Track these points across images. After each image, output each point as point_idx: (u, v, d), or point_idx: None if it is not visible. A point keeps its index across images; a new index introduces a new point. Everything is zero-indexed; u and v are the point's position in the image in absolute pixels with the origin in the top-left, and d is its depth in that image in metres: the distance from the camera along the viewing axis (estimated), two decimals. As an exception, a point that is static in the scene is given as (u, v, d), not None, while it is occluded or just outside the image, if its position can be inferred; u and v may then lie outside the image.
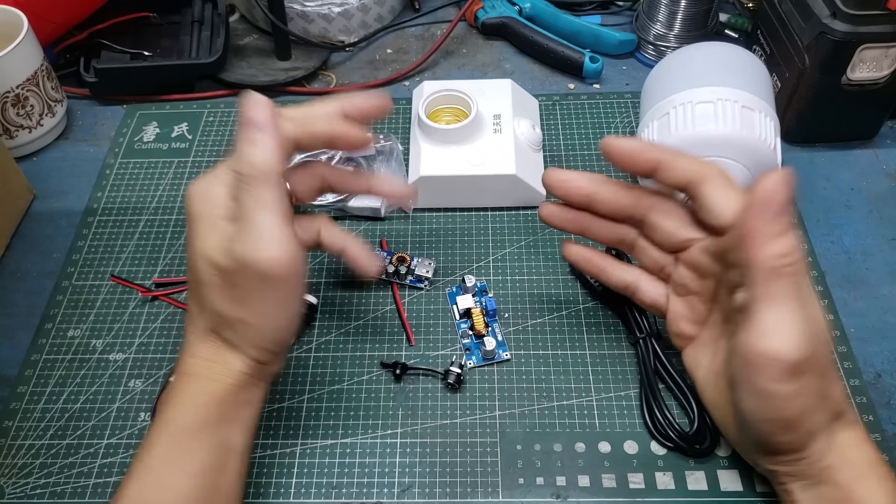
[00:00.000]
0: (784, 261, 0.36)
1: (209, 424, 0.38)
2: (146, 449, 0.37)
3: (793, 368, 0.36)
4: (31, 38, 0.61)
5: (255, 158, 0.37)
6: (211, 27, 0.72)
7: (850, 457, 0.38)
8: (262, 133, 0.38)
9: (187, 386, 0.38)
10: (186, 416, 0.38)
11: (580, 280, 0.53)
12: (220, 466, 0.38)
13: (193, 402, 0.38)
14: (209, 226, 0.38)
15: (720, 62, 0.55)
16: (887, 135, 0.64)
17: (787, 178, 0.36)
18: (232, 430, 0.39)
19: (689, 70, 0.55)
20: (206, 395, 0.38)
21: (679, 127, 0.52)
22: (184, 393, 0.38)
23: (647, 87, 0.59)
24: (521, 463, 0.45)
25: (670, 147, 0.44)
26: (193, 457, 0.37)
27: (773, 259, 0.36)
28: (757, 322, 0.37)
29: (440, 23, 0.77)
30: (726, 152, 0.51)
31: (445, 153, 0.57)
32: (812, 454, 0.38)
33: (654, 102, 0.56)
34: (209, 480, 0.37)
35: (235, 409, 0.39)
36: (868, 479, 0.37)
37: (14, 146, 0.64)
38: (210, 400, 0.38)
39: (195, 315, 0.40)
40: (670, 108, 0.53)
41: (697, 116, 0.51)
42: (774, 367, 0.36)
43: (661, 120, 0.54)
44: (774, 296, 0.36)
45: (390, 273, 0.54)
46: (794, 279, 0.36)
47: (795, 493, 0.39)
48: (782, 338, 0.36)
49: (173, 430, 0.37)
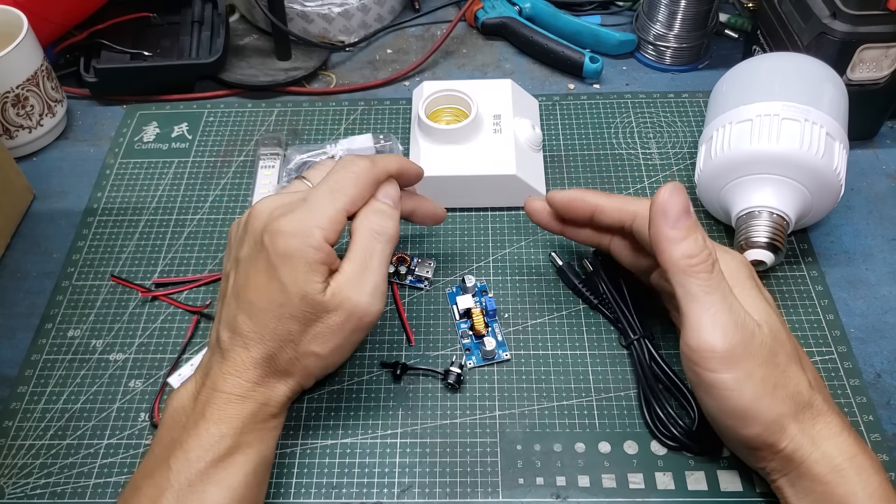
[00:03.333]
0: (693, 260, 0.40)
1: (252, 444, 0.39)
2: (186, 462, 0.38)
3: (726, 356, 0.39)
4: (31, 38, 0.61)
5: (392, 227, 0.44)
6: (211, 27, 0.72)
7: (825, 449, 0.38)
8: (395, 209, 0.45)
9: (231, 405, 0.39)
10: (231, 435, 0.39)
11: (570, 287, 0.53)
12: (258, 481, 0.40)
13: (239, 422, 0.39)
14: (309, 267, 0.40)
15: (815, 80, 0.53)
16: (887, 135, 0.64)
17: (678, 188, 0.41)
18: (268, 446, 0.41)
19: (782, 79, 0.53)
20: (250, 416, 0.40)
21: (761, 137, 0.50)
22: (228, 412, 0.39)
23: (727, 83, 0.57)
24: (521, 463, 0.45)
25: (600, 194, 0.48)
26: (236, 473, 0.38)
27: (682, 260, 0.40)
28: (686, 320, 0.40)
29: (440, 23, 0.77)
30: (798, 175, 0.49)
31: (445, 153, 0.57)
32: (786, 447, 0.39)
33: (735, 103, 0.53)
34: (247, 494, 0.39)
35: (271, 428, 0.41)
36: (847, 471, 0.38)
37: (14, 146, 0.64)
38: (252, 421, 0.40)
39: (254, 340, 0.40)
40: (753, 115, 0.51)
41: (783, 133, 0.49)
42: (709, 357, 0.39)
43: (742, 125, 0.51)
44: (693, 294, 0.40)
45: (390, 273, 0.54)
46: (707, 276, 0.40)
47: (784, 488, 0.40)
48: (708, 330, 0.39)
49: (218, 449, 0.38)
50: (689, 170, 0.61)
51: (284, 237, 0.40)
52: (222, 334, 0.41)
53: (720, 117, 0.54)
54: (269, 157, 0.62)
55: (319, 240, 0.40)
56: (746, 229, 0.50)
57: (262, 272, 0.41)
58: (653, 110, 0.66)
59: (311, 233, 0.40)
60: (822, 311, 0.52)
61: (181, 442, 0.38)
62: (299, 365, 0.42)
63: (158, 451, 0.39)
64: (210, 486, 0.37)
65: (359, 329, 0.42)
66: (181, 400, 0.41)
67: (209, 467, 0.38)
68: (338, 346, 0.42)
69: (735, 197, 0.51)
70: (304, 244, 0.40)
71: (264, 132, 0.65)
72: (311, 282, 0.40)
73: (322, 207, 0.41)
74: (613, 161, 0.62)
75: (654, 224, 0.41)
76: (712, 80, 0.60)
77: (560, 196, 0.49)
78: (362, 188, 0.43)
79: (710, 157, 0.53)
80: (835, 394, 0.48)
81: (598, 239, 0.50)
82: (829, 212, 0.53)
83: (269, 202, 0.43)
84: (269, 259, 0.40)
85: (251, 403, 0.40)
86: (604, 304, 0.51)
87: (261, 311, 0.40)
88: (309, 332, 0.41)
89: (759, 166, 0.50)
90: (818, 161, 0.49)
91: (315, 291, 0.40)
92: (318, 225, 0.41)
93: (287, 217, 0.41)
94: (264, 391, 0.41)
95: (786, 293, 0.53)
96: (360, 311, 0.41)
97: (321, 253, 0.40)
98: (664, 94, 0.67)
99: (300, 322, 0.40)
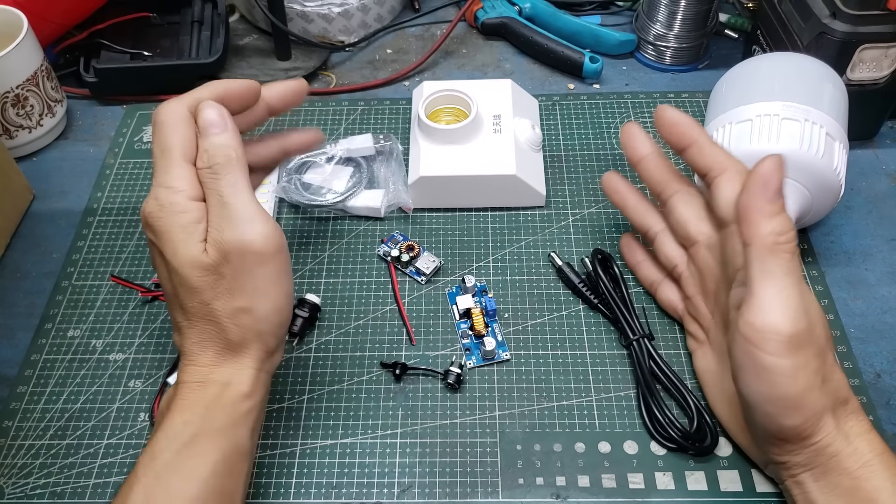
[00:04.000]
0: (781, 238, 0.39)
1: (219, 429, 0.38)
2: (151, 455, 0.37)
3: (791, 341, 0.38)
4: (31, 38, 0.61)
5: (226, 149, 0.39)
6: (211, 27, 0.72)
7: (857, 445, 0.38)
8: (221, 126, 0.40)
9: (192, 392, 0.38)
10: (194, 422, 0.38)
11: (570, 287, 0.53)
12: (229, 470, 0.38)
13: (201, 407, 0.38)
14: (183, 233, 0.38)
15: (815, 80, 0.53)
16: (887, 135, 0.64)
17: (781, 162, 0.40)
18: (240, 432, 0.39)
19: (782, 79, 0.53)
20: (213, 399, 0.38)
21: (761, 137, 0.50)
22: (190, 399, 0.38)
23: (727, 83, 0.57)
24: (521, 463, 0.45)
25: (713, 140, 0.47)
26: (204, 461, 0.37)
27: (771, 236, 0.39)
28: (755, 298, 0.39)
29: (440, 23, 0.77)
30: (798, 175, 0.49)
31: (445, 153, 0.57)
32: (820, 441, 0.38)
33: (735, 103, 0.53)
34: (218, 484, 0.37)
35: (243, 411, 0.39)
36: (876, 467, 0.38)
37: (14, 146, 0.64)
38: (217, 405, 0.38)
39: (185, 327, 0.40)
40: (753, 115, 0.51)
41: (783, 133, 0.49)
42: (773, 340, 0.38)
43: (742, 125, 0.51)
44: (772, 272, 0.38)
45: (394, 256, 0.54)
46: (790, 257, 0.39)
47: (806, 483, 0.39)
48: (779, 311, 0.38)
49: (182, 437, 0.37)
50: (688, 170, 0.61)
51: (154, 220, 0.38)
52: (174, 337, 0.41)
53: (720, 117, 0.54)
54: (269, 157, 0.62)
55: (181, 202, 0.38)
56: None
57: (159, 265, 0.40)
58: (653, 110, 0.65)
59: (170, 201, 0.38)
60: (822, 311, 0.52)
61: (151, 437, 0.38)
62: (239, 328, 0.39)
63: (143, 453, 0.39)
64: (174, 476, 0.36)
65: (260, 262, 0.38)
66: (163, 404, 0.40)
67: (174, 457, 0.37)
68: (256, 289, 0.39)
69: (735, 197, 0.51)
70: (169, 214, 0.38)
71: (264, 132, 0.65)
72: (191, 245, 0.38)
73: (164, 174, 0.39)
74: (613, 161, 0.62)
75: (749, 193, 0.40)
76: (712, 80, 0.60)
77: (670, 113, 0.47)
78: (181, 130, 0.40)
79: (710, 157, 0.53)
80: (835, 394, 0.48)
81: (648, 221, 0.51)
82: (829, 212, 0.53)
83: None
84: (156, 248, 0.39)
85: (212, 386, 0.39)
86: (604, 304, 0.51)
87: (174, 298, 0.39)
88: (220, 293, 0.38)
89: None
90: (818, 161, 0.49)
91: (197, 253, 0.38)
92: (172, 191, 0.38)
93: (147, 202, 0.39)
94: (224, 370, 0.39)
95: (786, 293, 0.53)
96: (246, 244, 0.38)
97: (190, 213, 0.38)
98: (664, 94, 0.67)
99: (206, 290, 0.38)
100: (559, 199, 0.59)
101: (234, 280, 0.38)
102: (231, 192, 0.38)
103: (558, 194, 0.59)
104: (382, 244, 0.56)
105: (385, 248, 0.56)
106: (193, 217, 0.38)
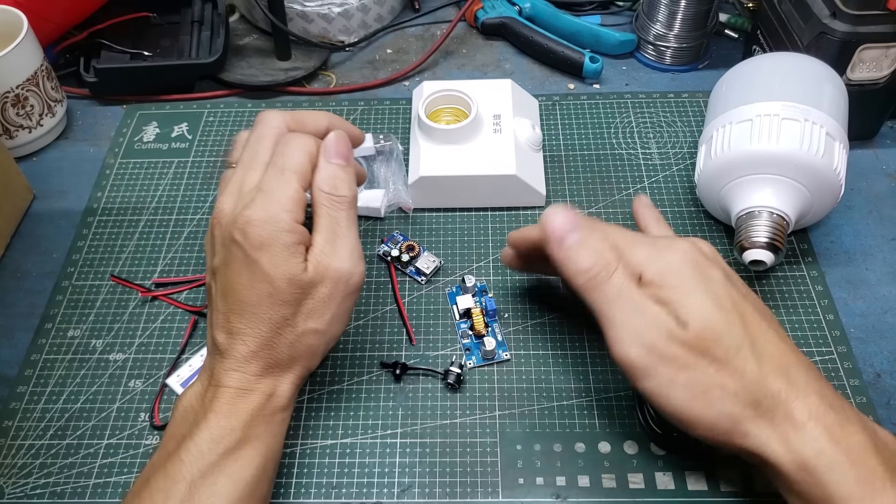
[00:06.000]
0: (586, 276, 0.41)
1: (260, 437, 0.40)
2: (196, 455, 0.38)
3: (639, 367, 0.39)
4: (31, 38, 0.61)
5: (352, 185, 0.43)
6: (211, 27, 0.72)
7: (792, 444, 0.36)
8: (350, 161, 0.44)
9: (237, 399, 0.40)
10: (239, 428, 0.39)
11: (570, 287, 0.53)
12: (266, 476, 0.40)
13: (246, 415, 0.39)
14: (286, 251, 0.40)
15: (815, 80, 0.53)
16: (887, 135, 0.64)
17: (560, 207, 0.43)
18: (276, 440, 0.41)
19: (782, 79, 0.53)
20: (257, 409, 0.40)
21: (761, 137, 0.50)
22: (234, 405, 0.39)
23: (727, 83, 0.57)
24: (521, 463, 0.45)
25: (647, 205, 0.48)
26: (248, 466, 0.39)
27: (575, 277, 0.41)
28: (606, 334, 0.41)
29: (440, 23, 0.77)
30: (798, 175, 0.49)
31: (445, 153, 0.57)
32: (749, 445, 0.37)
33: (735, 103, 0.53)
34: (256, 488, 0.39)
35: (279, 421, 0.41)
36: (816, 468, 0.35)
37: (14, 146, 0.64)
38: (260, 414, 0.40)
39: (245, 334, 0.40)
40: (753, 115, 0.51)
41: (783, 133, 0.49)
42: (626, 370, 0.40)
43: (742, 125, 0.51)
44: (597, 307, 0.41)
45: (394, 256, 0.54)
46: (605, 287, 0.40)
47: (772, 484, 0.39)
48: (618, 343, 0.40)
49: (227, 441, 0.38)
50: (688, 170, 0.61)
51: (255, 228, 0.40)
52: (218, 337, 0.41)
53: (720, 117, 0.54)
54: (269, 157, 0.62)
55: (289, 222, 0.40)
56: (746, 229, 0.50)
57: (242, 270, 0.40)
58: (653, 110, 0.66)
59: (279, 218, 0.40)
60: (821, 311, 0.52)
61: (192, 435, 0.38)
62: (301, 346, 0.42)
63: (170, 447, 0.39)
64: (221, 477, 0.38)
65: (348, 294, 0.42)
66: (189, 400, 0.41)
67: (220, 459, 0.38)
68: (333, 316, 0.42)
69: (735, 197, 0.51)
70: (276, 230, 0.40)
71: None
72: (293, 263, 0.40)
73: (279, 191, 0.41)
74: (613, 161, 0.62)
75: (548, 251, 0.43)
76: (712, 80, 0.60)
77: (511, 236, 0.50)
78: (307, 158, 0.43)
79: (710, 157, 0.53)
80: (835, 394, 0.48)
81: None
82: (829, 212, 0.53)
83: (225, 204, 0.42)
84: (247, 254, 0.40)
85: (257, 396, 0.40)
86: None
87: (251, 306, 0.40)
88: (302, 312, 0.41)
89: (759, 166, 0.50)
90: (818, 161, 0.49)
91: (298, 271, 0.40)
92: (283, 209, 0.40)
93: (251, 209, 0.40)
94: (269, 382, 0.41)
95: (786, 293, 0.53)
96: (344, 276, 0.42)
97: (295, 234, 0.40)
98: (664, 94, 0.67)
99: (292, 305, 0.41)
100: (559, 198, 0.59)
101: (320, 303, 0.41)
102: (348, 224, 0.43)
103: (558, 194, 0.59)
104: (382, 244, 0.56)
105: (385, 248, 0.56)
106: (297, 239, 0.41)
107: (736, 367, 0.38)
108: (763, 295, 0.53)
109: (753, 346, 0.38)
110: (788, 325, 0.51)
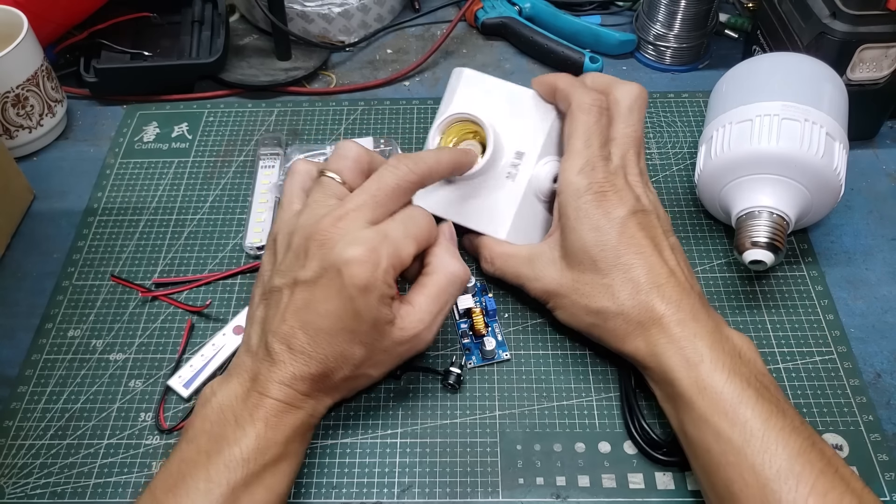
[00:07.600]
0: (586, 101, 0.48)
1: (295, 452, 0.41)
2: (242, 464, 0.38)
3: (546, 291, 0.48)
4: (31, 38, 0.61)
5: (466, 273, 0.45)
6: (211, 27, 0.72)
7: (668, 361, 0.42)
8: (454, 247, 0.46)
9: (284, 413, 0.40)
10: (281, 442, 0.40)
11: None
12: (291, 488, 0.42)
13: (290, 430, 0.40)
14: (382, 300, 0.41)
15: (815, 80, 0.53)
16: (887, 135, 0.64)
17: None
18: (303, 453, 0.43)
19: (782, 79, 0.53)
20: (299, 425, 0.41)
21: (761, 137, 0.50)
22: (281, 419, 0.40)
23: (727, 83, 0.56)
24: (521, 463, 0.45)
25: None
26: (283, 479, 0.40)
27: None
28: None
29: (440, 23, 0.77)
30: (798, 175, 0.49)
31: (444, 188, 0.51)
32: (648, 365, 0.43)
33: (735, 103, 0.53)
34: (284, 501, 0.41)
35: (309, 437, 0.43)
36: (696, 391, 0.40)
37: (14, 146, 0.64)
38: (299, 430, 0.41)
39: (311, 357, 0.41)
40: (753, 115, 0.51)
41: (783, 133, 0.49)
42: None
43: (742, 125, 0.51)
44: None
45: None
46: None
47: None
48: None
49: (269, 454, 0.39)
50: (689, 170, 0.61)
51: (362, 269, 0.40)
52: (274, 345, 0.41)
53: (720, 117, 0.54)
54: (269, 157, 0.62)
55: (392, 274, 0.41)
56: (746, 229, 0.50)
57: (333, 297, 0.40)
58: (653, 110, 0.66)
59: (388, 271, 0.41)
60: (821, 311, 0.52)
61: (237, 441, 0.39)
62: (351, 384, 0.44)
63: (204, 444, 0.39)
64: (260, 489, 0.39)
65: (411, 351, 0.44)
66: (227, 399, 0.41)
67: (262, 470, 0.39)
68: (386, 367, 0.45)
69: (735, 197, 0.51)
70: (381, 280, 0.40)
71: (264, 132, 0.65)
72: (383, 312, 0.41)
73: (399, 247, 0.42)
74: (613, 161, 0.62)
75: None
76: (712, 80, 0.60)
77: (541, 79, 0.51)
78: (433, 231, 0.45)
79: (710, 157, 0.53)
80: (835, 394, 0.48)
81: None
82: (829, 212, 0.53)
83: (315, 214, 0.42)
84: (345, 289, 0.40)
85: (302, 414, 0.41)
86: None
87: (327, 335, 0.41)
88: (372, 358, 0.43)
89: (759, 166, 0.50)
90: (818, 161, 0.49)
91: (385, 321, 0.42)
92: (393, 265, 0.41)
93: (361, 247, 0.40)
94: (313, 403, 0.42)
95: (786, 293, 0.53)
96: (424, 344, 0.44)
97: (393, 289, 0.42)
98: (664, 94, 0.67)
99: (367, 347, 0.42)
100: (559, 199, 0.59)
101: (392, 357, 0.44)
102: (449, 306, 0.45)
103: (558, 194, 0.59)
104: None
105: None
106: (391, 294, 0.42)
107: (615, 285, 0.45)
108: (763, 295, 0.53)
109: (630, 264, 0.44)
110: (788, 325, 0.51)
